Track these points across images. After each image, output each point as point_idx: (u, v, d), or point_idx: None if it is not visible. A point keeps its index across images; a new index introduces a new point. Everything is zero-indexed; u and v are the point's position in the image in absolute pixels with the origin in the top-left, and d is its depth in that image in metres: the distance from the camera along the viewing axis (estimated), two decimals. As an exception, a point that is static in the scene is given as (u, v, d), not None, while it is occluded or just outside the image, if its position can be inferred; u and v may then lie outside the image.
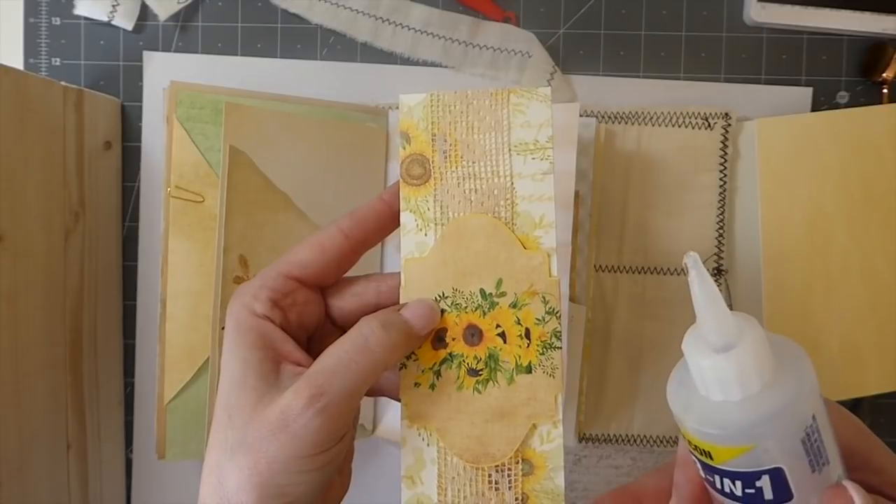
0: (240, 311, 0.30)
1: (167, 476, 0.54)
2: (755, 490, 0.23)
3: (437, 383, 0.31)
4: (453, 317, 0.31)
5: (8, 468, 0.41)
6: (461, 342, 0.31)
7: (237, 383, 0.28)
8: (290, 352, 0.29)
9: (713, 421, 0.23)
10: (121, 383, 0.54)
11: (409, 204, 0.31)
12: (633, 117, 0.51)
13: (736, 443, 0.23)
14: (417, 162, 0.31)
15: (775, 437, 0.23)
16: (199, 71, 0.52)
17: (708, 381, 0.23)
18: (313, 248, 0.31)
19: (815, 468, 0.23)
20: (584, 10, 0.53)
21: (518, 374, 0.30)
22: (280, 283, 0.30)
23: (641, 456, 0.54)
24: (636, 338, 0.52)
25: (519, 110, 0.31)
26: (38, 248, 0.44)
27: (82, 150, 0.48)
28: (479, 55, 0.52)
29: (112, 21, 0.52)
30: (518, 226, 0.31)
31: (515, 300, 0.31)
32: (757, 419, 0.22)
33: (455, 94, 0.31)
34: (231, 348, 0.29)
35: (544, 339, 0.30)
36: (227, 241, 0.45)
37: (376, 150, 0.51)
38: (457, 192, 0.31)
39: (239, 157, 0.45)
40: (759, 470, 0.23)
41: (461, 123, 0.31)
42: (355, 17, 0.52)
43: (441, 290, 0.31)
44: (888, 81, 0.51)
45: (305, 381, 0.27)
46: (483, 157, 0.31)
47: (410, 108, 0.32)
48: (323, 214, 0.49)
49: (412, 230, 0.31)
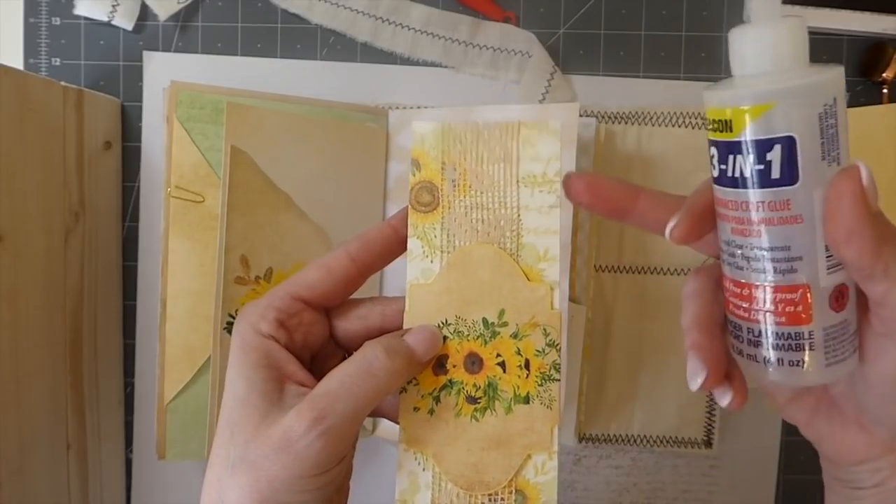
0: (246, 331, 0.30)
1: (167, 476, 0.54)
2: (764, 165, 0.24)
3: (436, 409, 0.31)
4: (455, 344, 0.31)
5: (8, 468, 0.41)
6: (461, 369, 0.31)
7: (240, 401, 0.29)
8: (294, 372, 0.30)
9: (741, 84, 0.24)
10: (121, 383, 0.54)
11: (417, 230, 0.32)
12: (633, 117, 0.51)
13: (759, 100, 0.24)
14: (426, 189, 0.32)
15: (796, 99, 0.23)
16: (199, 71, 0.52)
17: (745, 53, 0.25)
18: (320, 270, 0.32)
19: (825, 156, 0.24)
20: (584, 10, 0.53)
21: (516, 404, 0.31)
22: (287, 304, 0.31)
23: (641, 456, 0.54)
24: (636, 338, 0.52)
25: (528, 143, 0.32)
26: (38, 248, 0.44)
27: (82, 150, 0.48)
28: (479, 55, 0.52)
29: (112, 21, 0.52)
30: (522, 257, 0.31)
31: (517, 331, 0.31)
32: (782, 80, 0.24)
33: (466, 125, 0.32)
34: (236, 366, 0.30)
35: (543, 370, 0.31)
36: (229, 241, 0.45)
37: (376, 150, 0.51)
38: (464, 221, 0.32)
39: (240, 156, 0.45)
40: (774, 137, 0.24)
41: (471, 153, 0.32)
42: (355, 17, 0.52)
43: (444, 317, 0.32)
44: (888, 81, 0.51)
45: (309, 403, 0.28)
46: (491, 187, 0.32)
47: (423, 136, 0.32)
48: (323, 214, 0.49)
49: (418, 256, 0.32)
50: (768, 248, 0.25)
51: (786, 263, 0.25)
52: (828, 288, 0.25)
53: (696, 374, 0.27)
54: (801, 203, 0.24)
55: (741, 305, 0.26)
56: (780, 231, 0.24)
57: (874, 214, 0.24)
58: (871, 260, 0.23)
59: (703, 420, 0.52)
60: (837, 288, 0.25)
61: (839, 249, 0.24)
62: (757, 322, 0.26)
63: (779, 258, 0.25)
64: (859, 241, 0.23)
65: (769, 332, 0.25)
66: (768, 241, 0.25)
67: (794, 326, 0.25)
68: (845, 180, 0.24)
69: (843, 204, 0.23)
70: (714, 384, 0.27)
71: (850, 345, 0.26)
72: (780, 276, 0.25)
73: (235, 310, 0.46)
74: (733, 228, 0.25)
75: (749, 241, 0.25)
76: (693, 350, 0.27)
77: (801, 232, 0.24)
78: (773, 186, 0.24)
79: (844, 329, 0.25)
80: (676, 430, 0.52)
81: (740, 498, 0.54)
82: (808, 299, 0.25)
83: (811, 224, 0.24)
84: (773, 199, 0.24)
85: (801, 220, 0.24)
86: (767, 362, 0.26)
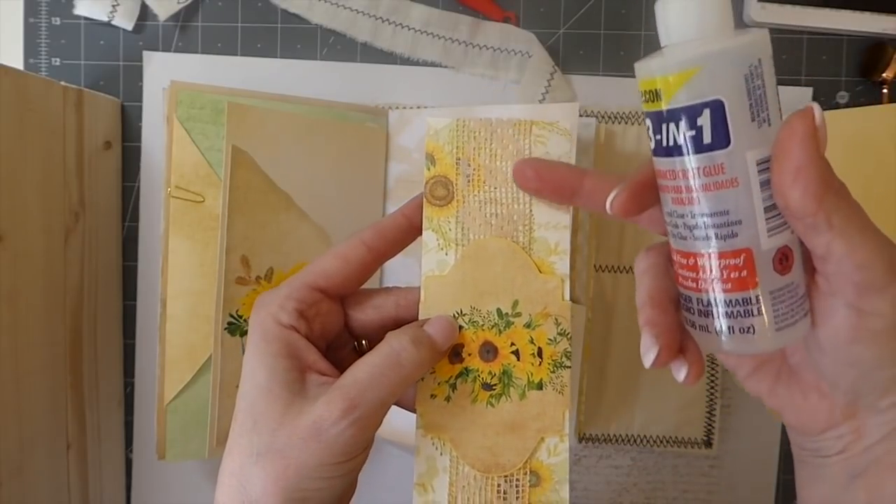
0: (266, 321, 0.31)
1: (167, 476, 0.54)
2: (696, 131, 0.24)
3: (453, 396, 0.32)
4: (470, 333, 0.32)
5: (8, 468, 0.41)
6: (477, 358, 0.32)
7: (263, 390, 0.29)
8: (315, 361, 0.31)
9: (667, 54, 0.25)
10: (121, 383, 0.54)
11: (432, 223, 0.33)
12: (633, 117, 0.51)
13: (684, 66, 0.24)
14: (441, 183, 0.33)
15: (720, 62, 0.24)
16: (199, 71, 0.52)
17: (670, 22, 0.25)
18: (337, 259, 0.32)
19: (755, 117, 0.24)
20: (584, 10, 0.53)
21: (530, 390, 0.32)
22: (306, 294, 0.31)
23: (641, 456, 0.54)
24: (636, 338, 0.52)
25: (540, 141, 0.33)
26: (38, 248, 0.44)
27: (82, 150, 0.48)
28: (479, 55, 0.52)
29: (112, 21, 0.52)
30: (535, 251, 0.33)
31: (530, 320, 0.32)
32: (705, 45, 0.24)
33: (480, 122, 0.33)
34: (256, 356, 0.30)
35: (555, 358, 0.32)
36: (229, 241, 0.45)
37: (376, 150, 0.51)
38: (478, 215, 0.33)
39: (241, 156, 0.45)
40: (702, 102, 0.24)
41: (485, 150, 0.33)
42: (355, 17, 0.52)
43: (459, 308, 0.33)
44: (888, 81, 0.51)
45: (339, 392, 0.29)
46: (504, 183, 0.32)
47: (437, 132, 0.33)
48: (323, 214, 0.49)
49: (434, 248, 0.33)
50: (708, 213, 0.25)
51: (726, 228, 0.25)
52: (771, 250, 0.25)
53: (649, 350, 0.27)
54: (735, 166, 0.24)
55: (689, 276, 0.26)
56: (717, 196, 0.25)
57: (822, 157, 0.24)
58: (815, 205, 0.23)
59: (703, 420, 0.52)
60: (780, 250, 0.25)
61: (785, 191, 0.24)
62: (705, 292, 0.26)
63: (719, 223, 0.25)
64: (804, 182, 0.23)
65: (718, 300, 0.26)
66: (707, 207, 0.25)
67: (741, 292, 0.25)
68: (799, 119, 0.24)
69: (794, 142, 0.23)
70: (667, 359, 0.27)
71: (801, 308, 0.26)
72: (722, 242, 0.25)
73: (236, 310, 0.46)
74: (673, 198, 0.26)
75: (689, 210, 0.25)
76: (646, 326, 0.28)
77: (738, 195, 0.24)
78: (706, 151, 0.24)
79: (792, 292, 0.25)
80: (676, 430, 0.52)
81: (740, 498, 0.54)
82: (752, 263, 0.25)
83: (747, 186, 0.24)
84: (708, 163, 0.24)
85: (736, 183, 0.24)
86: (719, 332, 0.26)
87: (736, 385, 0.52)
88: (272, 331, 0.30)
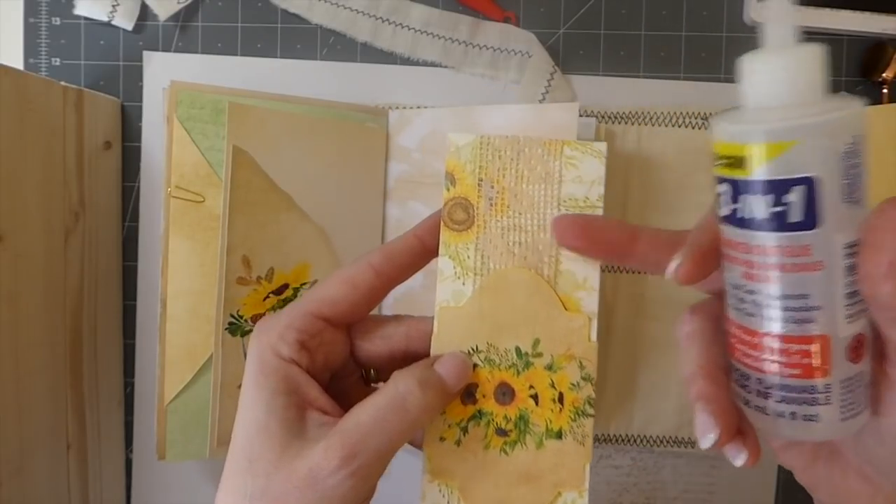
0: (264, 352, 0.29)
1: (167, 476, 0.54)
2: (783, 208, 0.22)
3: (464, 440, 0.30)
4: (486, 372, 0.30)
5: (8, 468, 0.41)
6: (492, 400, 0.30)
7: (260, 428, 0.27)
8: (316, 398, 0.29)
9: (756, 118, 0.22)
10: (121, 383, 0.54)
11: (449, 249, 0.31)
12: (633, 117, 0.51)
13: (778, 138, 0.22)
14: (461, 206, 0.31)
15: (818, 136, 0.21)
16: (199, 71, 0.52)
17: (759, 82, 0.23)
18: (344, 285, 0.30)
19: (847, 198, 0.22)
20: (584, 10, 0.53)
21: (547, 439, 0.30)
22: (308, 324, 0.29)
23: (641, 456, 0.54)
24: (636, 338, 0.52)
25: (571, 163, 0.30)
26: (38, 248, 0.44)
27: (82, 150, 0.48)
28: (479, 55, 0.52)
29: (112, 21, 0.52)
30: (560, 285, 0.30)
31: (551, 362, 0.30)
32: (804, 115, 0.22)
33: (506, 140, 0.30)
34: (253, 391, 0.28)
35: (577, 405, 0.30)
36: (230, 241, 0.45)
37: (376, 150, 0.51)
38: (500, 242, 0.30)
39: (242, 156, 0.45)
40: (794, 178, 0.22)
41: (510, 171, 0.30)
42: (355, 17, 0.52)
43: (475, 344, 0.30)
44: (888, 81, 0.51)
45: (339, 438, 0.27)
46: (530, 208, 0.30)
47: (458, 149, 0.31)
48: (322, 214, 0.49)
49: (450, 277, 0.31)
50: (783, 295, 0.23)
51: (802, 313, 0.23)
52: (847, 338, 0.23)
53: (709, 432, 0.25)
54: (821, 249, 0.22)
55: (750, 354, 0.24)
56: (797, 278, 0.22)
57: None
58: None
59: (703, 420, 0.52)
60: (856, 338, 0.23)
61: (876, 284, 0.21)
62: (767, 373, 0.24)
63: (795, 307, 0.23)
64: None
65: (781, 384, 0.23)
66: (784, 288, 0.23)
67: (810, 380, 0.23)
68: (893, 207, 0.22)
69: (889, 233, 0.21)
70: (727, 441, 0.25)
71: (865, 397, 0.24)
72: (795, 326, 0.23)
73: (237, 310, 0.46)
74: (744, 273, 0.23)
75: (761, 287, 0.23)
76: (701, 402, 0.25)
77: (821, 279, 0.22)
78: (791, 231, 0.22)
79: (860, 381, 0.23)
80: (676, 430, 0.52)
81: (740, 498, 0.54)
82: (826, 351, 0.23)
83: (831, 271, 0.22)
84: (791, 244, 0.22)
85: (820, 266, 0.22)
86: (778, 415, 0.24)
87: (736, 385, 0.52)
88: (271, 364, 0.28)
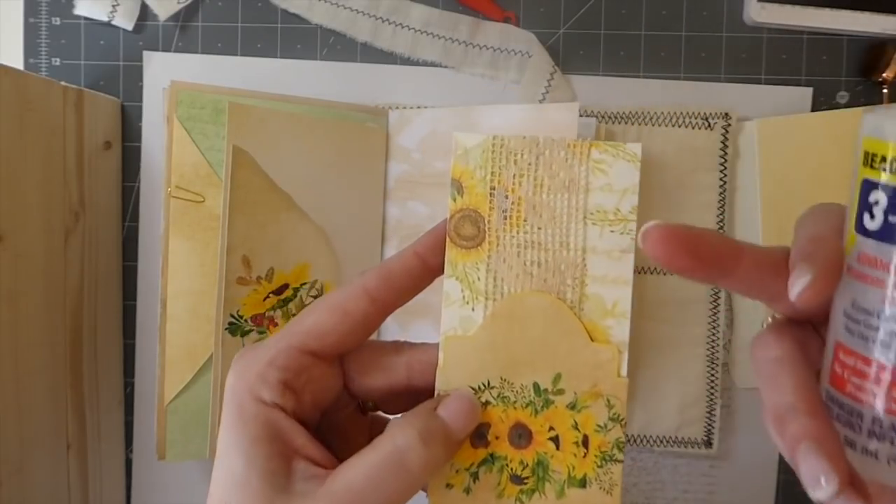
0: (243, 396, 0.25)
1: (167, 476, 0.54)
2: None
3: (474, 487, 0.27)
4: (499, 411, 0.27)
5: (8, 468, 0.41)
6: (506, 442, 0.27)
7: (239, 482, 0.24)
8: (303, 445, 0.25)
9: None
10: (121, 383, 0.54)
11: (456, 270, 0.27)
12: (633, 117, 0.51)
13: None
14: (470, 219, 0.27)
15: None
16: (199, 71, 0.52)
17: None
18: (334, 313, 0.26)
19: None
20: (584, 10, 0.53)
21: (570, 488, 0.27)
22: (293, 360, 0.26)
23: (641, 456, 0.54)
24: (636, 338, 0.52)
25: (600, 169, 0.26)
26: (38, 248, 0.44)
27: (82, 150, 0.48)
28: (479, 55, 0.52)
29: (112, 21, 0.52)
30: (585, 311, 0.27)
31: (575, 400, 0.27)
32: None
33: (523, 141, 0.27)
34: (231, 438, 0.25)
35: (605, 449, 0.27)
36: (230, 241, 0.45)
37: (376, 150, 0.51)
38: (515, 262, 0.27)
39: (242, 156, 0.45)
40: None
41: (528, 177, 0.27)
42: (355, 17, 0.52)
43: (486, 379, 0.27)
44: (888, 81, 0.51)
45: (328, 500, 0.24)
46: (551, 222, 0.27)
47: (466, 151, 0.27)
48: (322, 214, 0.49)
49: (457, 302, 0.27)
50: None
51: None
52: None
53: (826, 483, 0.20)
54: None
55: (866, 388, 0.21)
56: None
57: None
58: None
59: (703, 420, 0.52)
60: None
61: None
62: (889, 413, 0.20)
63: None
64: None
65: None
66: None
67: None
68: None
69: None
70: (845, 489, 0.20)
71: None
72: None
73: (237, 310, 0.46)
74: (886, 296, 0.20)
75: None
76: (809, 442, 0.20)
77: None
78: None
79: None
80: (676, 430, 0.52)
81: (740, 498, 0.54)
82: None
83: None
84: None
85: None
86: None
87: (736, 385, 0.52)
88: (250, 409, 0.25)
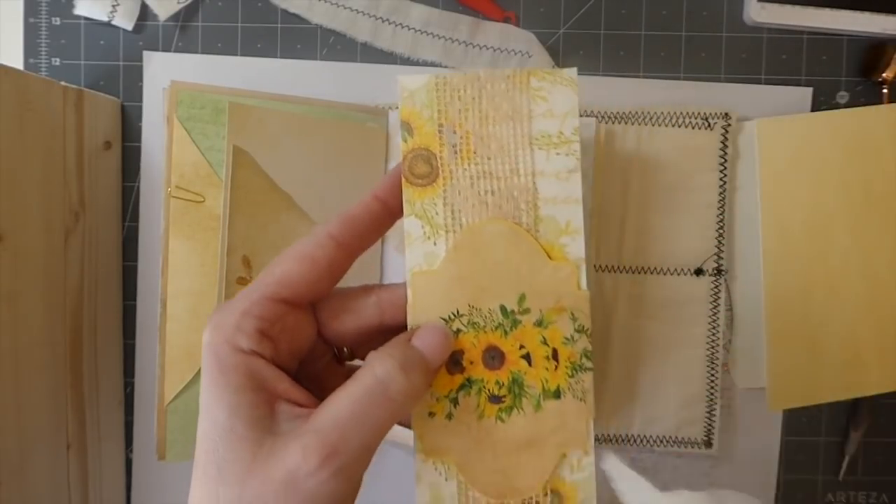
0: (221, 347, 0.26)
1: (167, 476, 0.54)
2: None
3: (455, 412, 0.28)
4: (471, 337, 0.28)
5: (8, 468, 0.41)
6: (480, 366, 0.28)
7: (225, 432, 0.25)
8: (286, 390, 0.26)
9: None
10: (121, 383, 0.54)
11: (414, 208, 0.28)
12: (633, 117, 0.51)
13: None
14: (422, 158, 0.28)
15: None
16: (199, 71, 0.52)
17: None
18: (302, 262, 0.27)
19: None
20: (584, 10, 0.53)
21: (545, 400, 0.28)
22: (267, 309, 0.26)
23: (641, 456, 0.54)
24: (636, 338, 0.52)
25: (540, 96, 0.27)
26: (38, 248, 0.44)
27: (82, 150, 0.48)
28: (479, 55, 0.52)
29: (112, 21, 0.52)
30: (541, 232, 0.28)
31: (541, 317, 0.28)
32: None
33: (465, 77, 0.27)
34: (213, 392, 0.25)
35: (573, 359, 0.28)
36: (231, 241, 0.45)
37: (376, 150, 0.51)
38: (470, 193, 0.28)
39: (242, 156, 0.45)
40: None
41: (473, 112, 0.27)
42: (355, 17, 0.52)
43: (455, 308, 0.28)
44: (888, 81, 0.51)
45: (317, 437, 0.24)
46: (500, 152, 0.27)
47: (412, 93, 0.28)
48: (322, 214, 0.49)
49: (419, 238, 0.28)
50: None
51: None
52: None
53: None
54: None
55: None
56: None
57: None
58: None
59: (703, 420, 0.52)
60: None
61: None
62: None
63: None
64: None
65: None
66: None
67: None
68: None
69: None
70: None
71: None
72: None
73: (235, 310, 0.46)
74: None
75: None
76: None
77: None
78: None
79: None
80: (676, 430, 0.52)
81: (740, 498, 0.54)
82: None
83: None
84: None
85: None
86: None
87: (736, 385, 0.52)
88: (229, 360, 0.25)
